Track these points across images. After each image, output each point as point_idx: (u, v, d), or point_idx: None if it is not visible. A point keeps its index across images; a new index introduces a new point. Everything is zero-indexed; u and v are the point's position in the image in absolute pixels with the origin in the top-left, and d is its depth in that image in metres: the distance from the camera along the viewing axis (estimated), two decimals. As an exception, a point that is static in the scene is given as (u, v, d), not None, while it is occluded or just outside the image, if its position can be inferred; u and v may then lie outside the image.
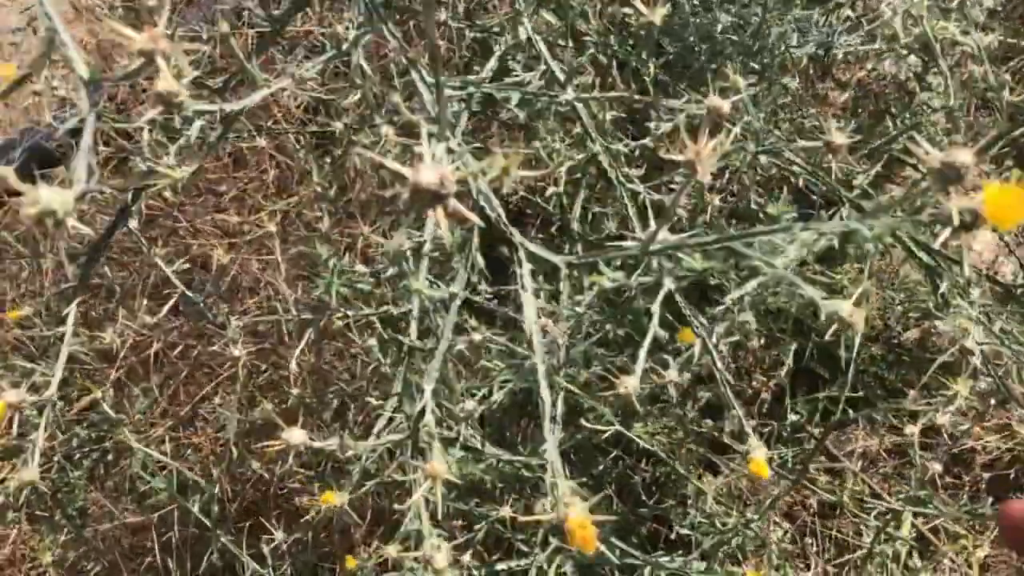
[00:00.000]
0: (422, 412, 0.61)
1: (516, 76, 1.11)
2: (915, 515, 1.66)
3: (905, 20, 1.50)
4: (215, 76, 1.82)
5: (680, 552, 1.55)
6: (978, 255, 2.02)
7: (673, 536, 1.55)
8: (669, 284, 0.80)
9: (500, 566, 1.38)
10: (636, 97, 0.84)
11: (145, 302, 1.89)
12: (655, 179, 1.10)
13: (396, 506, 1.19)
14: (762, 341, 1.77)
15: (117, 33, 0.47)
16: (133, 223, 1.17)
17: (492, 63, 1.29)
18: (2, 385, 0.94)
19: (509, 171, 0.41)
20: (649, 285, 0.81)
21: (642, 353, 0.75)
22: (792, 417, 1.67)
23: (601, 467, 1.44)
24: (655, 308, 0.79)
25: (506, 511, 1.06)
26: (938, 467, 1.42)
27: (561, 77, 0.99)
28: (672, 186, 0.88)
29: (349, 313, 1.11)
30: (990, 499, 1.75)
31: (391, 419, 1.08)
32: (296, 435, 0.69)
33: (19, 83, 0.89)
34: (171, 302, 1.04)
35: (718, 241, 0.59)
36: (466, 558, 1.26)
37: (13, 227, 2.30)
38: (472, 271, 1.23)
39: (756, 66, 1.39)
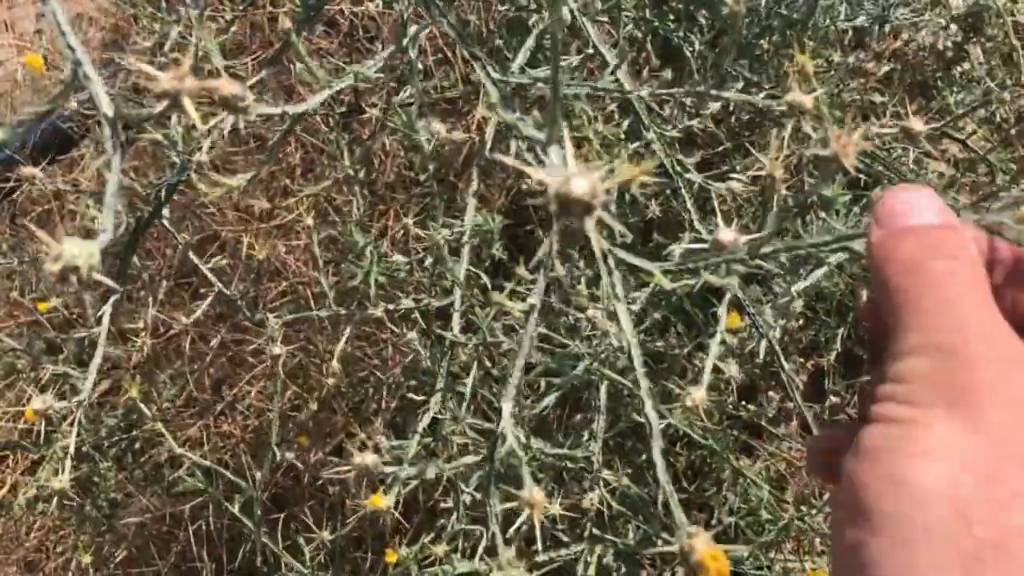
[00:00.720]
0: (502, 437, 0.58)
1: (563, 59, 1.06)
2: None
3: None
4: (240, 55, 1.77)
5: (723, 538, 1.52)
6: None
7: (714, 521, 1.52)
8: (735, 286, 0.76)
9: (541, 557, 1.36)
10: (712, 91, 0.79)
11: (172, 284, 1.86)
12: (707, 165, 1.06)
13: (441, 504, 1.16)
14: (800, 322, 1.74)
15: (140, 72, 0.42)
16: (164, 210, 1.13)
17: (530, 42, 1.25)
18: (31, 392, 0.91)
19: (635, 178, 0.37)
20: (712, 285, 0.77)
21: (708, 364, 0.72)
22: (833, 399, 1.64)
23: (643, 456, 1.41)
24: (722, 312, 0.75)
25: (556, 508, 1.03)
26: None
27: (612, 61, 0.94)
28: (735, 176, 0.84)
29: (390, 307, 1.08)
30: None
31: (435, 419, 1.05)
32: (369, 459, 0.66)
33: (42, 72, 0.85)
34: (207, 300, 1.01)
35: (804, 247, 0.55)
36: (511, 552, 1.23)
37: (30, 211, 2.26)
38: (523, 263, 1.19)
39: (803, 40, 1.33)
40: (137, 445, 1.69)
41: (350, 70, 0.76)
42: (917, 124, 0.78)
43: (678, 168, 0.88)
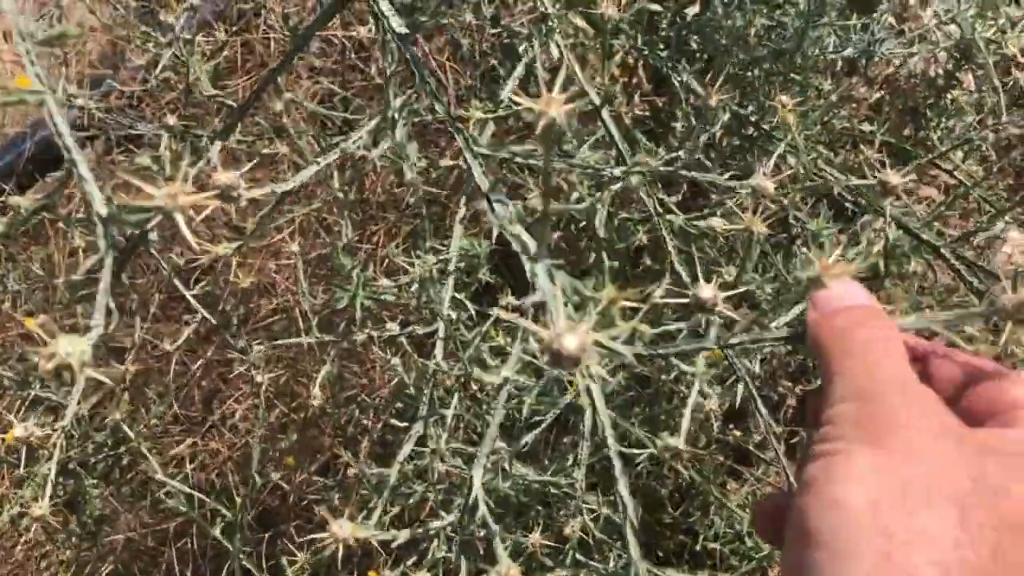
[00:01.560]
0: (474, 507, 0.58)
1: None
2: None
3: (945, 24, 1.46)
4: (232, 75, 1.78)
5: (709, 563, 1.53)
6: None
7: (698, 547, 1.52)
8: (702, 378, 0.78)
9: (524, 581, 1.35)
10: (684, 171, 0.80)
11: (165, 298, 1.86)
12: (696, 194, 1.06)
13: (420, 529, 1.16)
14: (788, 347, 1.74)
15: (135, 186, 0.44)
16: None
17: (520, 70, 1.25)
18: (11, 419, 0.92)
19: (616, 303, 0.38)
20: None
21: (685, 419, 0.72)
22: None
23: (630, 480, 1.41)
24: (699, 369, 0.76)
25: (535, 538, 1.03)
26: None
27: (596, 101, 0.95)
28: (716, 216, 0.84)
29: (374, 334, 1.08)
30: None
31: (420, 439, 1.05)
32: (345, 528, 0.66)
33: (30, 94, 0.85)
34: (191, 327, 1.01)
35: (768, 339, 0.56)
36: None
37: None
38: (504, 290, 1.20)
39: (787, 71, 1.34)
40: (124, 461, 1.69)
41: (340, 147, 0.76)
42: (893, 178, 0.79)
43: (659, 209, 0.89)
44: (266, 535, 1.48)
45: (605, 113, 0.87)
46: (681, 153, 1.05)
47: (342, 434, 1.53)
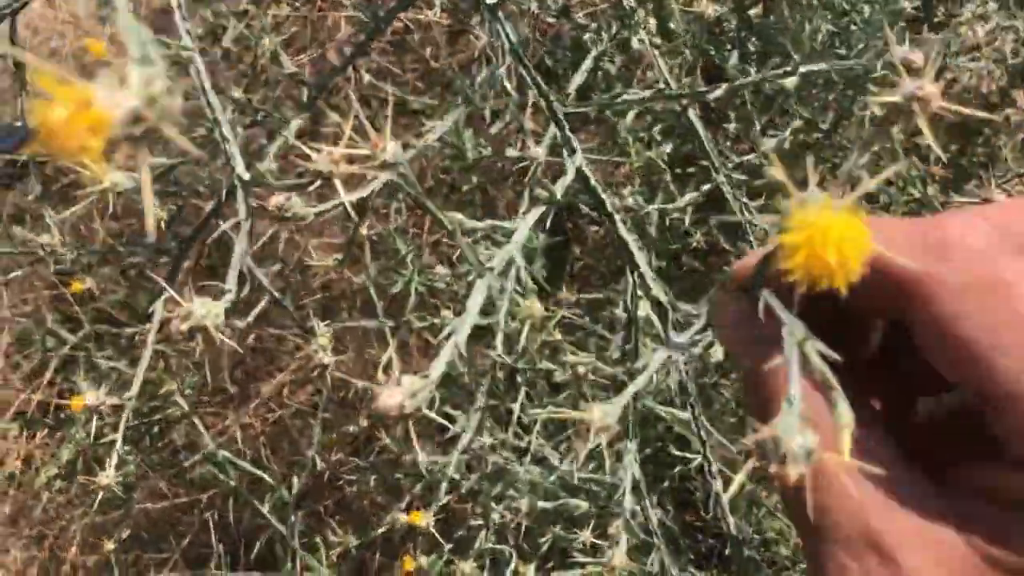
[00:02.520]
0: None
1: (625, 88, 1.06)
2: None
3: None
4: (287, 52, 1.77)
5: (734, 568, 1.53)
6: None
7: (728, 552, 1.52)
8: None
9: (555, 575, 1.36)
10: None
11: (191, 264, 1.85)
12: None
13: (472, 521, 1.16)
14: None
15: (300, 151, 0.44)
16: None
17: (588, 63, 1.24)
18: (82, 385, 0.91)
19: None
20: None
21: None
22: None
23: (666, 482, 1.41)
24: None
25: (586, 535, 1.03)
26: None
27: (675, 88, 0.95)
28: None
29: (435, 321, 1.08)
30: None
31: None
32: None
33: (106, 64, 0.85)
34: (259, 306, 1.01)
35: None
36: (531, 570, 1.23)
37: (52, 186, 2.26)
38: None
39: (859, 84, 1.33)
40: (156, 430, 1.69)
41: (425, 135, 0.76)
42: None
43: (745, 210, 0.88)
44: (299, 512, 1.48)
45: (692, 114, 0.87)
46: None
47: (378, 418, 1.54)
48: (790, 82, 0.86)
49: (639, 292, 0.75)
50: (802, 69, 0.82)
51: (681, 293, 1.68)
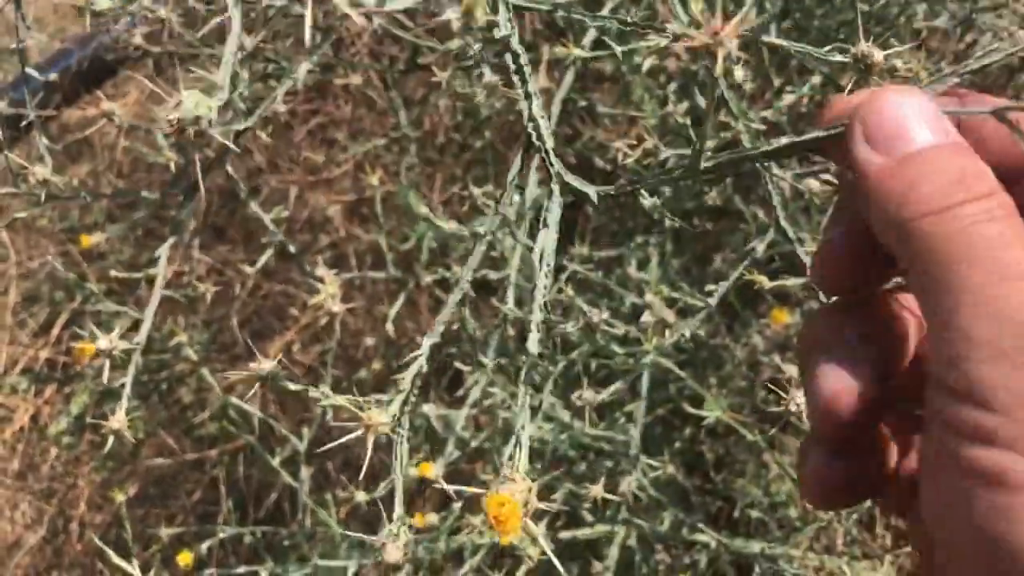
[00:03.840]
0: None
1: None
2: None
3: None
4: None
5: (743, 530, 1.52)
6: None
7: (737, 514, 1.52)
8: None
9: (565, 534, 1.35)
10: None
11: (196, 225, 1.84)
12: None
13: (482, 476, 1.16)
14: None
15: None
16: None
17: (605, 12, 1.22)
18: (95, 331, 0.90)
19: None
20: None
21: None
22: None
23: (677, 444, 1.41)
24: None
25: (598, 490, 1.02)
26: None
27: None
28: (827, 176, 0.82)
29: (447, 275, 1.06)
30: None
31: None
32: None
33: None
34: (267, 254, 0.99)
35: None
36: (540, 528, 1.23)
37: (64, 139, 2.24)
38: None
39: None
40: (164, 387, 1.69)
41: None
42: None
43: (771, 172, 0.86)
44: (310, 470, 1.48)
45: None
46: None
47: (388, 372, 1.53)
48: None
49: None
50: None
51: (693, 258, 1.66)
